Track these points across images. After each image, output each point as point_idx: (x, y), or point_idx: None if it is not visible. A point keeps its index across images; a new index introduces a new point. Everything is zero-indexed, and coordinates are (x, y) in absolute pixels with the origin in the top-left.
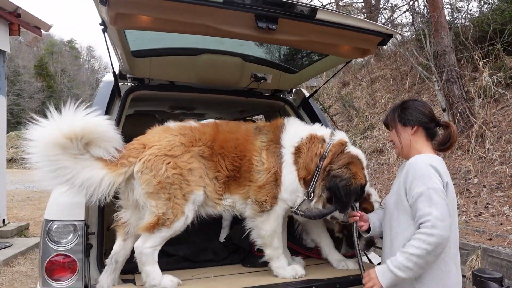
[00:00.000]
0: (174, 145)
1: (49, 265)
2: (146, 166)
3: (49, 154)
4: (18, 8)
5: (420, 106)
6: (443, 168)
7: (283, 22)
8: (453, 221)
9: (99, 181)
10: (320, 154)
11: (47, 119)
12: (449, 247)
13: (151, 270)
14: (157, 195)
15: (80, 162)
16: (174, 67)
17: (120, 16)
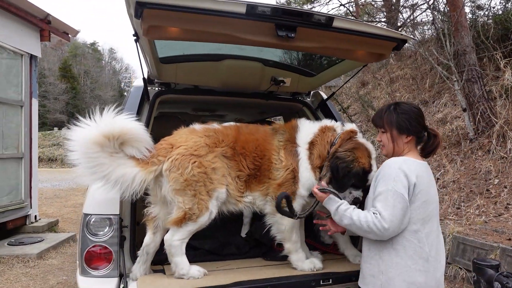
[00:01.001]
0: (199, 145)
1: (88, 255)
2: (174, 165)
3: (89, 152)
4: (49, 15)
5: (418, 115)
6: (418, 173)
7: (301, 30)
8: (430, 225)
9: (132, 178)
10: (330, 142)
11: (89, 120)
12: (419, 247)
13: (179, 260)
14: (184, 192)
15: (115, 159)
16: (198, 72)
17: (151, 29)
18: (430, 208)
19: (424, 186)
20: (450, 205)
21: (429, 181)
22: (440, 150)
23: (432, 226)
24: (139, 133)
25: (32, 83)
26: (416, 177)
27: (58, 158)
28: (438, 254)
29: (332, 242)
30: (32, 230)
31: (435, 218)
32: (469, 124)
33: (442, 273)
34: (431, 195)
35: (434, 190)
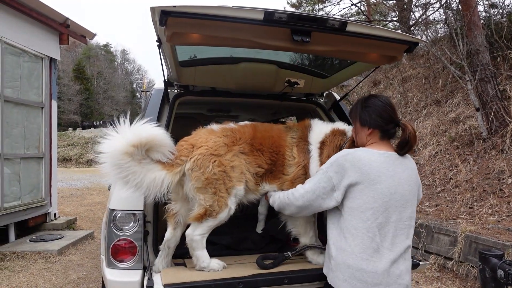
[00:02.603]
0: (219, 145)
1: (114, 249)
2: (196, 164)
3: (120, 163)
4: (68, 19)
5: (380, 108)
6: (370, 162)
7: (316, 34)
8: (385, 216)
9: (161, 181)
10: (339, 145)
11: (115, 131)
12: (368, 236)
13: (200, 254)
14: (205, 190)
15: (144, 166)
16: (215, 74)
17: (175, 35)
18: (385, 199)
19: (376, 175)
20: (462, 205)
21: (389, 172)
22: (453, 150)
23: (388, 217)
24: (163, 139)
25: (52, 85)
26: (363, 165)
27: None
28: (394, 245)
29: None
30: (52, 228)
31: (396, 210)
32: (482, 124)
33: (401, 267)
34: (389, 186)
35: (397, 182)
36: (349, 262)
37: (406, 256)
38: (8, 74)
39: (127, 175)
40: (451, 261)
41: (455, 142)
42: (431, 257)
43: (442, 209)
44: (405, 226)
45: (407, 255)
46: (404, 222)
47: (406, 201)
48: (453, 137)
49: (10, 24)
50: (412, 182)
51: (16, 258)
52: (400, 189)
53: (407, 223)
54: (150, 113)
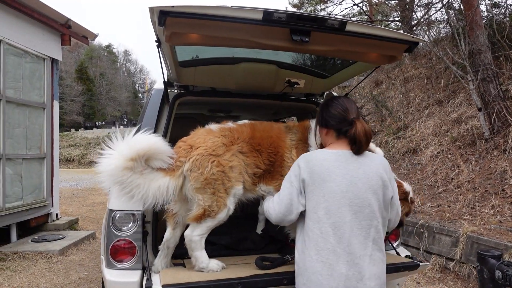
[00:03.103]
0: (217, 145)
1: (113, 249)
2: (194, 165)
3: (122, 179)
4: (69, 20)
5: (332, 108)
6: (323, 162)
7: (315, 34)
8: (338, 216)
9: (166, 187)
10: None
11: (111, 147)
12: (322, 237)
13: (199, 255)
14: (204, 190)
15: (146, 176)
16: (215, 74)
17: (174, 35)
18: (336, 197)
19: (325, 174)
20: (464, 205)
21: (340, 170)
22: (455, 150)
23: (342, 217)
24: (159, 146)
25: (54, 86)
26: (314, 165)
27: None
28: (351, 247)
29: None
30: (53, 228)
31: (351, 210)
32: (484, 124)
33: (364, 271)
34: (340, 184)
35: (349, 180)
36: (306, 265)
37: (374, 259)
38: (10, 74)
39: (131, 190)
40: (453, 262)
41: (457, 142)
42: (432, 258)
43: (444, 210)
44: (362, 226)
45: (375, 258)
46: (361, 222)
47: (362, 199)
48: (455, 137)
49: (12, 25)
50: (371, 180)
51: (18, 258)
52: (354, 187)
53: (366, 223)
54: (149, 114)
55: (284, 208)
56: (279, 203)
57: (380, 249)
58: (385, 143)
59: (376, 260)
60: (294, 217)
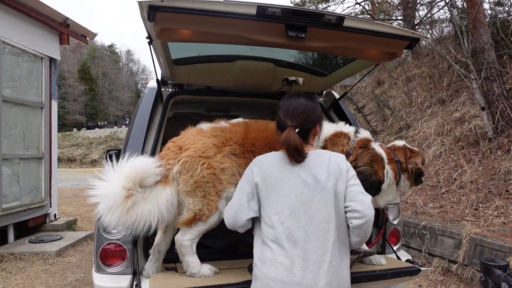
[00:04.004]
0: (207, 147)
1: (103, 253)
2: (184, 167)
3: (131, 217)
4: (68, 19)
5: (280, 110)
6: (271, 164)
7: (311, 30)
8: (291, 220)
9: (172, 196)
10: (346, 152)
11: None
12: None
13: (190, 260)
14: (194, 193)
15: (149, 198)
16: (211, 73)
17: (164, 31)
18: (289, 202)
19: (278, 178)
20: (467, 206)
21: (292, 173)
22: (458, 150)
23: (296, 222)
24: (148, 167)
25: (52, 85)
26: (267, 169)
27: (77, 158)
28: (306, 253)
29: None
30: (51, 228)
31: (305, 213)
32: (487, 123)
33: (320, 278)
34: (292, 187)
35: (302, 182)
36: (261, 271)
37: (333, 266)
38: (7, 74)
39: (145, 221)
40: (455, 264)
41: (460, 142)
42: (434, 260)
43: (446, 211)
44: (318, 230)
45: (334, 265)
46: (317, 225)
47: (317, 201)
48: (458, 137)
49: (9, 24)
50: (325, 179)
51: (14, 260)
52: (307, 189)
53: (322, 227)
54: (142, 113)
55: (233, 214)
56: (230, 209)
57: (343, 255)
58: (387, 143)
59: (335, 267)
60: (245, 223)
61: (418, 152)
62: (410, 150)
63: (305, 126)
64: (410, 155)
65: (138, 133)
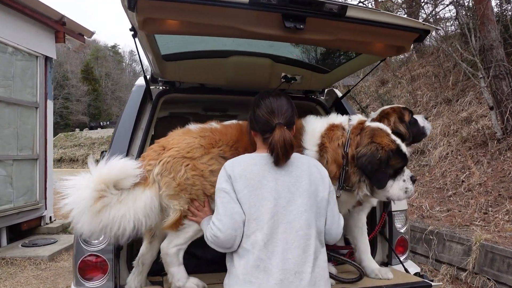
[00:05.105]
0: (193, 147)
1: (82, 265)
2: (165, 168)
3: (104, 222)
4: (64, 17)
5: (258, 108)
6: (247, 165)
7: (311, 21)
8: (269, 227)
9: (151, 200)
10: (343, 144)
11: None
12: (253, 253)
13: (176, 271)
14: (178, 196)
15: (125, 201)
16: (204, 69)
17: (148, 21)
18: (268, 205)
19: (256, 180)
20: (476, 210)
21: (271, 175)
22: (465, 151)
23: (275, 228)
24: (124, 167)
25: (47, 84)
26: (244, 171)
27: (79, 159)
28: (286, 262)
29: (348, 251)
30: (46, 231)
31: (284, 218)
32: (496, 123)
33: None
34: (271, 190)
35: (281, 185)
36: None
37: (315, 277)
38: (0, 73)
39: (119, 226)
40: (465, 272)
41: (467, 142)
42: (442, 267)
43: (454, 215)
44: (299, 237)
45: (317, 276)
46: (298, 232)
47: (297, 206)
48: (465, 138)
49: (1, 21)
50: (305, 182)
51: (5, 264)
52: (286, 193)
53: (302, 233)
54: (128, 113)
55: (230, 221)
56: (222, 220)
57: (324, 264)
58: None
59: (317, 278)
60: (243, 219)
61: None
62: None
63: (288, 126)
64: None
65: (124, 134)
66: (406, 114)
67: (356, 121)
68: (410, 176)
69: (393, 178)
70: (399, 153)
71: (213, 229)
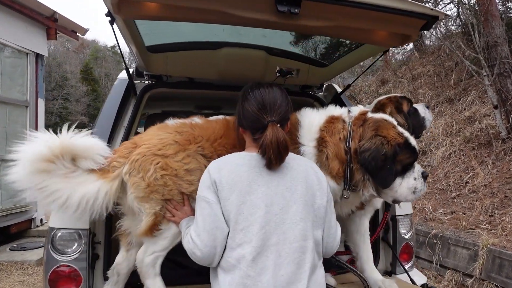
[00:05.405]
0: (165, 143)
1: (53, 276)
2: (133, 167)
3: (36, 182)
4: (55, 13)
5: (247, 102)
6: (234, 167)
7: (307, 4)
8: (259, 239)
9: (95, 193)
10: (344, 137)
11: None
12: (240, 269)
13: (151, 284)
14: (149, 198)
15: (72, 180)
16: (192, 62)
17: (124, 4)
18: (259, 213)
19: (245, 184)
20: (482, 213)
21: (263, 178)
22: (469, 151)
23: (266, 239)
24: (84, 141)
25: (38, 82)
26: (230, 173)
27: None
28: (277, 279)
29: (349, 258)
30: (37, 234)
31: (277, 228)
32: (501, 123)
33: None
34: (263, 196)
35: (274, 190)
36: None
37: None
38: None
39: (48, 195)
40: (471, 279)
41: (471, 142)
42: (447, 273)
43: (459, 217)
44: (293, 250)
45: None
46: (292, 244)
47: (292, 214)
48: (468, 137)
49: None
50: (301, 187)
51: None
52: (280, 199)
53: (297, 245)
54: (107, 110)
55: (210, 238)
56: (200, 235)
57: (321, 280)
58: None
59: None
60: (225, 235)
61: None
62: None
63: (282, 122)
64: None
65: (101, 131)
66: (405, 104)
67: (358, 112)
68: (421, 172)
69: (402, 176)
70: (407, 147)
71: (190, 244)
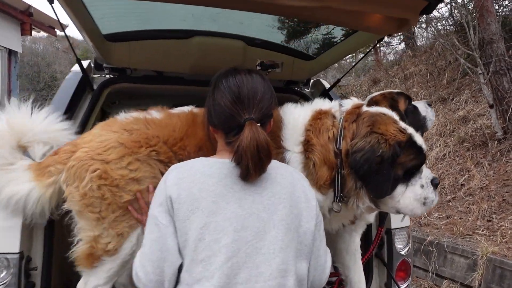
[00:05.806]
0: (107, 146)
1: None
2: (69, 175)
3: None
4: (30, 7)
5: (219, 94)
6: (199, 180)
7: None
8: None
9: (25, 196)
10: (334, 137)
11: None
12: None
13: None
14: (82, 215)
15: (5, 174)
16: (159, 53)
17: None
18: (226, 241)
19: (210, 201)
20: (479, 217)
21: (235, 193)
22: (463, 152)
23: (232, 276)
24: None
25: (11, 80)
26: (192, 184)
27: None
28: None
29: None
30: None
31: (248, 260)
32: (496, 122)
33: None
34: (231, 217)
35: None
36: None
37: None
38: None
39: None
40: None
41: (465, 143)
42: (444, 283)
43: (455, 222)
44: None
45: None
46: (267, 282)
47: (270, 241)
48: (463, 138)
49: None
50: (284, 206)
51: None
52: (255, 221)
53: (273, 284)
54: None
55: (155, 271)
56: (145, 266)
57: None
58: None
59: None
60: (176, 269)
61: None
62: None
63: (264, 121)
64: None
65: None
66: (401, 101)
67: (351, 106)
68: (431, 179)
69: (405, 183)
70: (411, 146)
71: (134, 276)
